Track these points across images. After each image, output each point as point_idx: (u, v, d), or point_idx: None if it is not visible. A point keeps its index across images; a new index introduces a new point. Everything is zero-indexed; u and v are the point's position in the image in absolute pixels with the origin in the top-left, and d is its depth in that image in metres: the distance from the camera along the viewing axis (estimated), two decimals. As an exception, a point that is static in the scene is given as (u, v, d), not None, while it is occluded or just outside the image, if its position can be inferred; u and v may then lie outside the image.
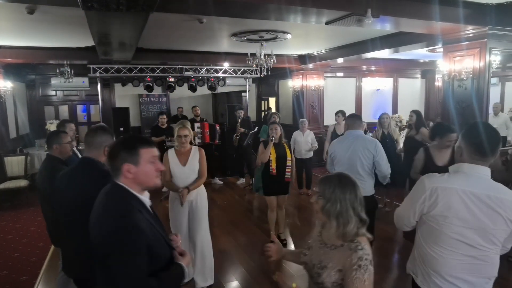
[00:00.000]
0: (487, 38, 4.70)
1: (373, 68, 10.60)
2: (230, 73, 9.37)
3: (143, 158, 1.60)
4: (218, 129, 7.93)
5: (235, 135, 7.87)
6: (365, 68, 10.56)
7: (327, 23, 4.37)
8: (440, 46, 5.76)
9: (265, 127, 6.53)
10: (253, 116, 11.97)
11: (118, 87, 10.17)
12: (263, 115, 12.35)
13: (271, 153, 4.47)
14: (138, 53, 6.98)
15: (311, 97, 9.56)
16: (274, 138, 4.46)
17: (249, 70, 9.23)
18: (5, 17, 4.87)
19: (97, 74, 8.33)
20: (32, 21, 4.92)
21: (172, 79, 8.96)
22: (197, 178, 3.61)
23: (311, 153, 6.86)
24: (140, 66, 8.63)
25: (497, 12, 4.55)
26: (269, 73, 7.35)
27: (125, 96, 10.72)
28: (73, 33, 5.88)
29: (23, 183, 6.85)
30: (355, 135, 3.63)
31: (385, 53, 7.66)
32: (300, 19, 4.34)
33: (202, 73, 9.12)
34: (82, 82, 9.47)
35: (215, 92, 10.54)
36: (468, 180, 1.76)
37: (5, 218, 6.11)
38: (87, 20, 4.05)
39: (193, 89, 9.36)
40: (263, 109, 12.62)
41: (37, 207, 3.14)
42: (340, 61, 8.32)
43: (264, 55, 6.59)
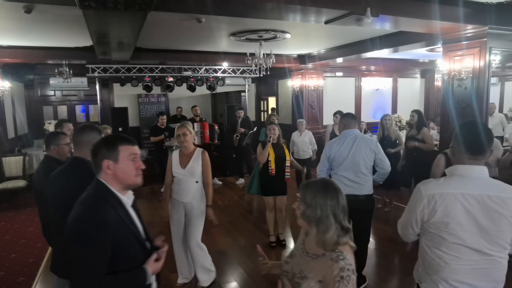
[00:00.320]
0: (487, 37, 4.69)
1: (373, 68, 10.58)
2: (229, 73, 9.35)
3: (122, 155, 1.64)
4: (216, 129, 7.91)
5: (235, 135, 7.84)
6: (364, 68, 10.54)
7: (326, 22, 4.35)
8: (439, 45, 5.74)
9: (263, 129, 6.52)
10: (252, 116, 11.94)
11: (117, 87, 10.14)
12: (262, 116, 12.33)
13: (270, 154, 4.46)
14: (136, 53, 6.96)
15: (310, 97, 9.54)
16: (272, 138, 4.45)
17: (248, 70, 9.21)
18: (3, 17, 4.85)
19: (96, 74, 8.32)
20: (29, 21, 4.90)
21: (171, 79, 8.95)
22: (204, 187, 3.56)
23: (310, 153, 6.83)
24: (138, 66, 8.61)
25: (497, 11, 4.54)
26: (268, 73, 7.33)
27: (124, 96, 10.68)
28: (72, 33, 5.85)
29: (21, 183, 6.82)
30: (355, 135, 3.55)
31: (385, 53, 7.64)
32: (299, 18, 4.32)
33: (201, 73, 9.09)
34: (80, 82, 9.46)
35: (214, 92, 10.52)
36: (464, 182, 1.71)
37: (3, 218, 6.08)
38: (85, 19, 4.03)
39: (192, 89, 9.34)
40: (262, 109, 12.59)
41: (34, 208, 3.11)
42: (339, 61, 8.30)
43: (263, 54, 6.57)
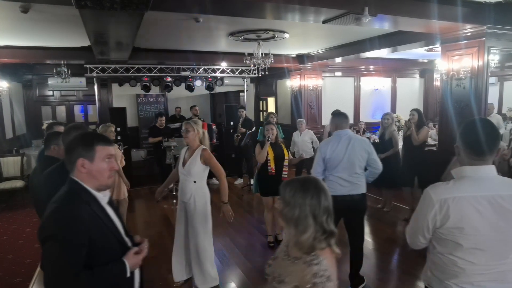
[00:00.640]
0: (486, 37, 4.68)
1: (372, 67, 10.56)
2: (227, 73, 9.33)
3: (99, 155, 1.63)
4: (214, 128, 7.89)
5: (236, 135, 7.84)
6: (363, 67, 10.53)
7: (324, 22, 4.33)
8: (438, 45, 5.73)
9: (261, 128, 6.51)
10: (251, 116, 11.91)
11: (115, 87, 10.12)
12: (261, 115, 12.32)
13: (269, 153, 4.46)
14: (135, 53, 6.95)
15: (309, 97, 9.52)
16: (270, 138, 4.46)
17: (247, 69, 9.19)
18: (0, 16, 4.83)
19: (94, 74, 8.29)
20: (27, 20, 4.88)
21: (169, 79, 8.93)
22: (219, 182, 3.58)
23: (311, 153, 6.81)
24: (137, 66, 8.59)
25: (496, 11, 4.53)
26: (267, 73, 7.31)
27: (123, 96, 10.66)
28: (69, 33, 5.83)
29: (19, 183, 6.80)
30: (348, 135, 3.54)
31: (384, 53, 7.63)
32: (298, 18, 4.31)
33: (199, 73, 9.08)
34: (79, 82, 9.43)
35: (213, 92, 10.50)
36: (475, 184, 1.63)
37: (0, 219, 6.06)
38: (82, 19, 4.02)
39: (190, 89, 9.33)
40: (261, 109, 12.58)
41: (32, 208, 3.08)
42: (338, 60, 8.29)
43: (261, 54, 6.56)
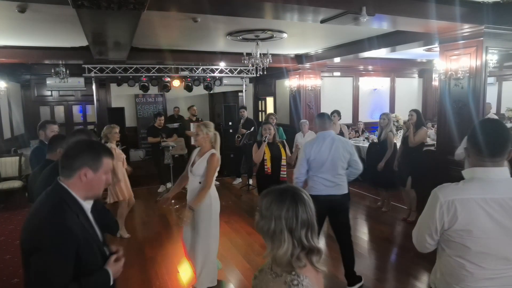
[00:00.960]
0: (484, 36, 4.68)
1: (370, 67, 10.56)
2: (226, 73, 9.32)
3: (104, 167, 1.60)
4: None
5: (236, 136, 7.84)
6: (362, 67, 10.53)
7: (322, 22, 4.32)
8: (436, 45, 5.73)
9: (261, 129, 6.51)
10: (250, 116, 11.88)
11: (114, 87, 10.11)
12: (260, 115, 12.31)
13: (265, 153, 4.46)
14: (133, 53, 6.93)
15: (308, 97, 9.52)
16: (267, 138, 4.46)
17: (245, 69, 9.18)
18: (-3, 16, 4.82)
19: (92, 74, 8.27)
20: (24, 20, 4.86)
21: (167, 79, 8.91)
22: (200, 189, 3.40)
23: None
24: (135, 66, 8.57)
25: (494, 10, 4.52)
26: (265, 73, 7.31)
27: (121, 96, 10.65)
28: (67, 33, 5.82)
29: (17, 184, 6.78)
30: (332, 136, 3.57)
31: (382, 53, 7.62)
32: (296, 18, 4.31)
33: (198, 73, 9.07)
34: (77, 82, 9.44)
35: (212, 92, 10.49)
36: (485, 186, 1.56)
37: (-2, 219, 6.04)
38: (79, 19, 4.00)
39: (189, 89, 9.31)
40: (260, 109, 12.57)
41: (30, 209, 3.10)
42: (337, 60, 8.28)
43: (260, 54, 6.55)
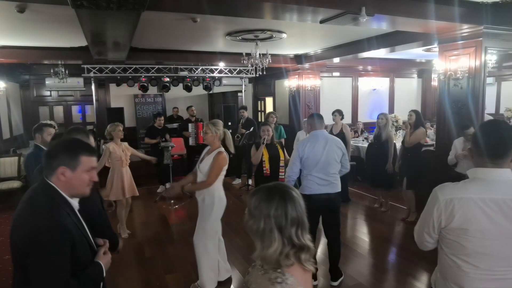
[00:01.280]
0: (483, 37, 4.68)
1: (370, 68, 10.57)
2: (225, 73, 9.32)
3: (82, 166, 1.59)
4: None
5: (236, 136, 7.85)
6: (361, 68, 10.53)
7: (321, 22, 4.32)
8: (436, 45, 5.74)
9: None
10: (249, 116, 11.89)
11: (113, 87, 10.09)
12: (259, 116, 12.30)
13: (263, 154, 4.46)
14: (132, 53, 6.92)
15: (307, 97, 9.51)
16: (265, 140, 4.47)
17: (244, 70, 9.18)
18: (-4, 16, 4.81)
19: (91, 74, 8.26)
20: (23, 20, 4.85)
21: (167, 79, 8.91)
22: (201, 181, 3.56)
23: None
24: (134, 66, 8.57)
25: (493, 10, 4.52)
26: (265, 73, 7.31)
27: (120, 96, 10.62)
28: (67, 33, 5.81)
29: (16, 184, 6.78)
30: (325, 136, 3.61)
31: (382, 53, 7.62)
32: (295, 18, 4.30)
33: (197, 73, 9.06)
34: (77, 82, 9.43)
35: (211, 92, 10.48)
36: (485, 186, 1.57)
37: (-3, 220, 6.04)
38: (79, 19, 4.00)
39: (188, 89, 9.31)
40: (259, 109, 12.57)
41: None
42: (336, 60, 8.28)
43: (259, 54, 6.55)
